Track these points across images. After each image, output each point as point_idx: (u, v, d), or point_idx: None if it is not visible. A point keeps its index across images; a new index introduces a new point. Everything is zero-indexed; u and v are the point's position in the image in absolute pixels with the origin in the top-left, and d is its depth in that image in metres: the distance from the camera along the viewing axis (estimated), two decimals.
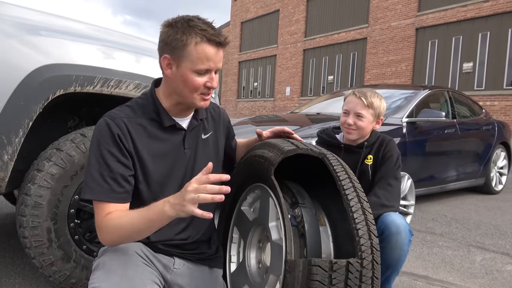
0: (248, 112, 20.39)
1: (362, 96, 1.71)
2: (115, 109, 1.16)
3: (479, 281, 2.24)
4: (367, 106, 1.70)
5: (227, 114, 1.46)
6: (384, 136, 1.79)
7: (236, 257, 1.42)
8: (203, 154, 1.28)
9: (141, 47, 1.88)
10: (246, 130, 3.61)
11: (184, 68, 1.11)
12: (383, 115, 1.76)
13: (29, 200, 1.50)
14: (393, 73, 13.35)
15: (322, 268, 0.91)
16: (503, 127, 5.24)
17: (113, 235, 1.06)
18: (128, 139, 1.12)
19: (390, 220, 1.47)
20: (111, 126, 1.10)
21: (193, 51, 1.08)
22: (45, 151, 1.60)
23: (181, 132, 1.22)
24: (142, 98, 1.22)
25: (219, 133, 1.36)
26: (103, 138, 1.10)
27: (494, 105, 10.56)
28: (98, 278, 1.04)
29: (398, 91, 4.33)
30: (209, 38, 1.08)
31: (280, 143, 1.18)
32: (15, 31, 1.46)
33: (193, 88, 1.12)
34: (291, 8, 18.00)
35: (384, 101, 1.77)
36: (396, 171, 1.68)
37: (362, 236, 0.97)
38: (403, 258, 1.48)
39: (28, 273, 1.95)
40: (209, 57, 1.09)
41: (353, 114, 1.71)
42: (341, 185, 1.06)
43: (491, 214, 3.91)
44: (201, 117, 1.28)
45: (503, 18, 10.72)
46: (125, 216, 1.06)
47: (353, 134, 1.72)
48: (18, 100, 1.44)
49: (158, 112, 1.18)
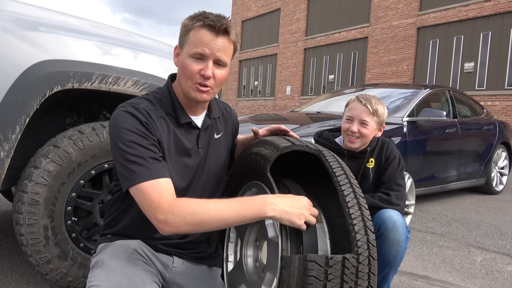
0: (248, 111, 20.38)
1: (367, 103, 1.66)
2: (132, 100, 1.13)
3: (479, 281, 2.23)
4: (372, 113, 1.65)
5: (237, 115, 1.45)
6: (383, 139, 1.78)
7: (233, 256, 1.41)
8: (214, 154, 1.26)
9: (140, 44, 1.86)
10: (247, 128, 3.59)
11: (184, 53, 1.11)
12: (384, 122, 1.74)
13: (26, 197, 1.49)
14: (394, 73, 13.33)
15: (317, 263, 0.90)
16: (504, 127, 5.22)
17: (184, 219, 0.96)
18: (155, 127, 1.10)
19: (386, 216, 1.47)
20: (136, 114, 1.07)
21: (192, 36, 1.09)
22: (42, 148, 1.59)
23: (195, 130, 1.21)
24: (159, 93, 1.20)
25: (228, 133, 1.35)
26: (132, 125, 1.05)
27: (495, 105, 10.54)
28: (97, 276, 1.02)
29: (399, 90, 4.31)
30: (207, 23, 1.08)
31: (276, 140, 1.17)
32: (13, 27, 1.45)
33: (188, 74, 1.10)
34: (292, 7, 17.97)
35: (386, 108, 1.74)
36: (401, 172, 1.69)
37: (358, 231, 0.96)
38: (401, 255, 1.47)
39: (25, 271, 1.94)
40: (204, 42, 1.08)
41: (357, 122, 1.67)
42: (337, 181, 1.05)
43: (491, 214, 3.90)
44: (214, 116, 1.26)
45: (505, 18, 10.69)
46: (205, 203, 0.99)
47: (355, 142, 1.68)
48: (15, 96, 1.42)
49: (174, 108, 1.17)
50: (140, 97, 1.16)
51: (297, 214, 0.98)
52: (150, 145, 1.06)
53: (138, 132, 1.05)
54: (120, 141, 1.04)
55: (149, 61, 1.82)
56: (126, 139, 1.04)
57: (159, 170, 1.04)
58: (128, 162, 1.02)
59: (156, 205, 0.98)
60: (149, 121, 1.08)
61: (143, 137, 1.05)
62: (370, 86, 4.97)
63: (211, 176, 1.26)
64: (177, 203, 0.99)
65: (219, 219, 0.98)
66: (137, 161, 1.02)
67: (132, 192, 1.03)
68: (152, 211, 0.98)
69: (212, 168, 1.26)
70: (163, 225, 0.97)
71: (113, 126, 1.08)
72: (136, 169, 1.01)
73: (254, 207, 0.98)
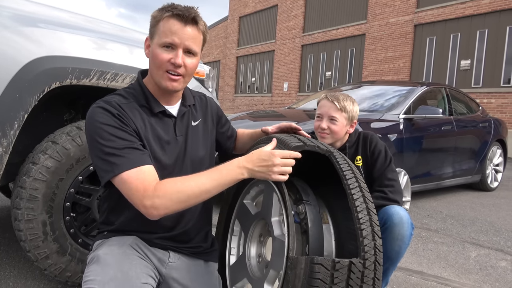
0: (245, 108, 20.36)
1: (335, 100, 1.70)
2: (104, 98, 1.15)
3: (474, 277, 2.26)
4: (340, 109, 1.69)
5: (216, 102, 1.46)
6: (365, 132, 1.78)
7: (236, 249, 1.42)
8: (193, 141, 1.28)
9: (137, 40, 1.86)
10: (244, 125, 3.60)
11: (154, 44, 1.13)
12: (356, 118, 1.75)
13: (24, 193, 1.49)
14: (391, 70, 13.35)
15: (324, 266, 0.91)
16: (499, 124, 5.26)
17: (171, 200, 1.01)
18: (129, 119, 1.11)
19: (393, 211, 1.48)
20: (108, 108, 1.09)
21: (161, 26, 1.12)
22: (40, 144, 1.59)
23: (171, 119, 1.22)
24: (130, 88, 1.22)
25: (208, 120, 1.36)
26: (105, 119, 1.07)
27: (491, 103, 10.59)
28: (93, 271, 1.04)
29: (395, 88, 4.33)
30: (175, 13, 1.11)
31: (287, 139, 1.17)
32: (10, 23, 1.44)
33: (158, 63, 1.12)
34: (290, 3, 17.93)
35: (357, 105, 1.76)
36: (390, 164, 1.69)
37: (366, 236, 0.96)
38: (403, 251, 1.48)
39: (23, 266, 1.95)
40: (173, 31, 1.10)
41: (326, 118, 1.70)
42: (347, 184, 1.04)
43: (486, 211, 3.94)
44: (189, 103, 1.28)
45: (501, 15, 10.72)
46: (186, 180, 1.05)
47: (327, 138, 1.71)
48: (13, 92, 1.42)
49: (147, 99, 1.18)
50: (112, 94, 1.18)
51: (266, 171, 1.08)
52: (127, 135, 1.08)
53: (113, 124, 1.07)
54: (97, 136, 1.06)
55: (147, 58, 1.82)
56: (102, 133, 1.06)
57: (139, 158, 1.06)
58: (107, 155, 1.04)
59: (141, 193, 1.01)
60: (121, 113, 1.10)
61: (119, 129, 1.07)
62: (366, 83, 4.99)
63: (195, 164, 1.27)
64: (162, 186, 1.03)
65: (203, 191, 1.05)
66: (115, 153, 1.04)
67: (116, 183, 1.05)
68: (139, 198, 1.01)
69: (195, 156, 1.27)
70: (152, 209, 1.01)
71: (88, 123, 1.10)
72: (116, 161, 1.03)
73: (230, 173, 1.08)
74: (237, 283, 1.32)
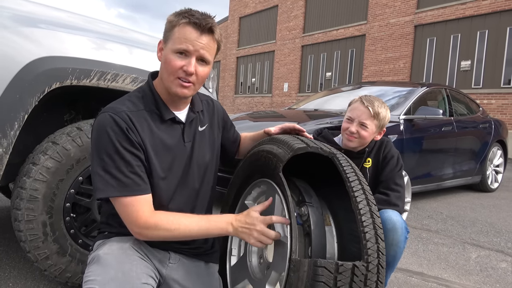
0: (245, 108, 20.36)
1: (369, 105, 1.64)
2: (114, 103, 1.15)
3: (474, 278, 2.26)
4: (372, 116, 1.64)
5: (222, 106, 1.45)
6: (382, 138, 1.77)
7: (237, 250, 1.41)
8: (200, 146, 1.28)
9: (138, 41, 1.86)
10: (244, 125, 3.60)
11: (167, 49, 1.13)
12: (385, 126, 1.71)
13: (24, 193, 1.49)
14: (391, 70, 13.35)
15: (328, 269, 0.90)
16: (499, 125, 5.26)
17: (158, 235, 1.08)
18: (136, 133, 1.11)
19: (386, 216, 1.47)
20: (117, 120, 1.08)
21: (177, 32, 1.11)
22: (40, 144, 1.59)
23: (180, 125, 1.22)
24: (140, 91, 1.21)
25: (214, 125, 1.36)
26: (114, 133, 1.07)
27: (491, 104, 10.59)
28: (93, 271, 1.04)
29: (395, 88, 4.33)
30: (192, 21, 1.10)
31: (290, 140, 1.17)
32: (11, 23, 1.44)
33: (171, 69, 1.12)
34: (290, 3, 17.93)
35: (389, 112, 1.71)
36: (400, 171, 1.68)
37: (369, 239, 0.96)
38: (399, 255, 1.48)
39: (23, 267, 1.95)
40: (188, 38, 1.10)
41: (357, 123, 1.65)
42: (350, 186, 1.04)
43: (486, 212, 3.93)
44: (197, 109, 1.28)
45: (502, 16, 10.72)
46: (176, 219, 1.10)
47: (354, 142, 1.67)
48: (14, 93, 1.42)
49: (157, 104, 1.18)
50: (122, 99, 1.17)
51: (247, 234, 1.10)
52: (131, 157, 1.08)
53: (120, 141, 1.07)
54: (101, 149, 1.07)
55: (147, 58, 1.82)
56: (107, 147, 1.06)
57: (137, 187, 1.08)
58: (106, 173, 1.05)
59: (133, 219, 1.07)
60: (130, 127, 1.09)
61: (124, 149, 1.07)
62: (367, 84, 4.98)
63: (201, 169, 1.28)
64: (152, 220, 1.07)
65: (187, 235, 1.11)
66: (116, 175, 1.05)
67: (111, 200, 1.09)
68: (128, 222, 1.08)
69: (201, 161, 1.27)
70: (137, 235, 1.10)
71: (95, 130, 1.09)
72: (113, 183, 1.05)
73: (217, 225, 1.12)
74: (237, 284, 1.32)
